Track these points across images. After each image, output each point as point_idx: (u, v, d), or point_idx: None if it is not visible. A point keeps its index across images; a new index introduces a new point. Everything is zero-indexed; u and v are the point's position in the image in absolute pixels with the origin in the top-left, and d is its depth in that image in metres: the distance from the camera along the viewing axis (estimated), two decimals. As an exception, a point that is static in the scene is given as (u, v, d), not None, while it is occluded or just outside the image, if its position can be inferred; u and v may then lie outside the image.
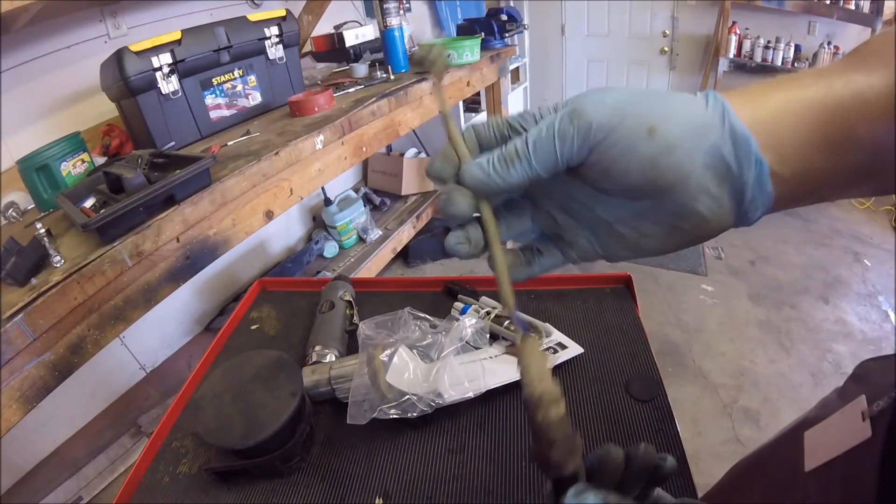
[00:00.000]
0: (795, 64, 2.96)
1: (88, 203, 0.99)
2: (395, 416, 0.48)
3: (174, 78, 1.23)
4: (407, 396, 0.49)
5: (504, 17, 2.16)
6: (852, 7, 2.72)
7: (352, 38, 1.92)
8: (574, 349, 0.56)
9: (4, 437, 0.72)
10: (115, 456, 1.44)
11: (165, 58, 1.19)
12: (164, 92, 1.22)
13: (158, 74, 1.19)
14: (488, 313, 0.61)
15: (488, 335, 0.59)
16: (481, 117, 2.80)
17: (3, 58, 1.27)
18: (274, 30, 1.44)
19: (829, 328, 1.96)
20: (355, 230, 2.25)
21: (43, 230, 0.80)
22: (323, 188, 2.21)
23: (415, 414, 0.49)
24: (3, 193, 1.23)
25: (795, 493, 0.44)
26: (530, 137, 0.25)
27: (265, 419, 0.45)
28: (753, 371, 1.79)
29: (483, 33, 2.10)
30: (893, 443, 0.33)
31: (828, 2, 2.77)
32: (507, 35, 2.20)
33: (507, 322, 0.59)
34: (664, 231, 0.27)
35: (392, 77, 1.70)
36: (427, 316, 0.60)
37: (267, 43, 1.44)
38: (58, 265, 0.80)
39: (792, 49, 2.98)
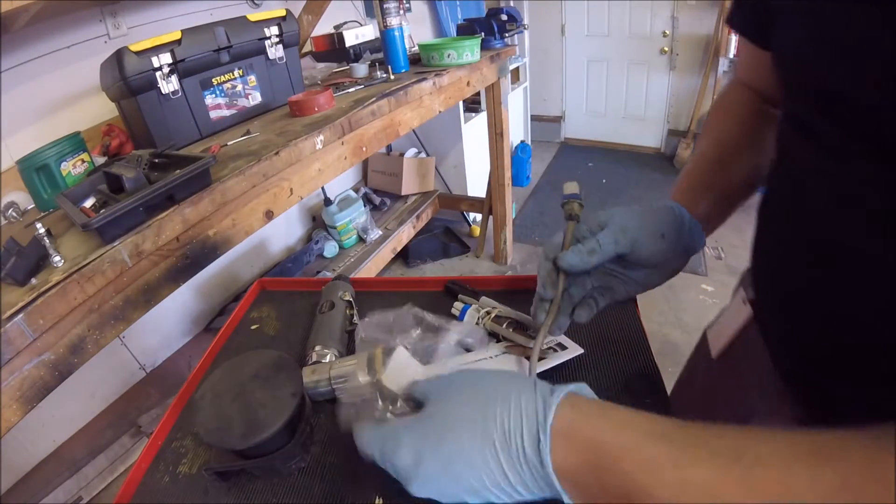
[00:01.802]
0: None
1: (88, 203, 0.99)
2: (395, 416, 0.48)
3: (174, 78, 1.23)
4: (407, 396, 0.49)
5: (504, 17, 2.16)
6: (852, 7, 2.72)
7: (352, 38, 1.92)
8: (574, 349, 0.56)
9: (4, 437, 0.72)
10: (115, 456, 1.44)
11: (165, 58, 1.19)
12: (164, 92, 1.22)
13: (158, 74, 1.19)
14: (488, 313, 0.61)
15: (488, 335, 0.59)
16: (481, 117, 2.79)
17: (3, 58, 1.27)
18: (274, 30, 1.43)
19: (829, 328, 1.95)
20: (355, 230, 2.25)
21: (43, 230, 0.80)
22: (323, 188, 2.22)
23: (415, 414, 0.49)
24: (3, 193, 1.23)
25: (711, 376, 0.66)
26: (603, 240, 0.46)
27: (265, 419, 0.45)
28: (753, 371, 1.78)
29: (483, 33, 2.09)
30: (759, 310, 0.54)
31: (828, 2, 2.77)
32: (507, 35, 2.20)
33: (506, 322, 0.59)
34: (661, 275, 0.50)
35: (392, 77, 1.70)
36: (427, 316, 0.60)
37: (267, 43, 1.44)
38: (58, 265, 0.80)
39: (792, 49, 2.97)
